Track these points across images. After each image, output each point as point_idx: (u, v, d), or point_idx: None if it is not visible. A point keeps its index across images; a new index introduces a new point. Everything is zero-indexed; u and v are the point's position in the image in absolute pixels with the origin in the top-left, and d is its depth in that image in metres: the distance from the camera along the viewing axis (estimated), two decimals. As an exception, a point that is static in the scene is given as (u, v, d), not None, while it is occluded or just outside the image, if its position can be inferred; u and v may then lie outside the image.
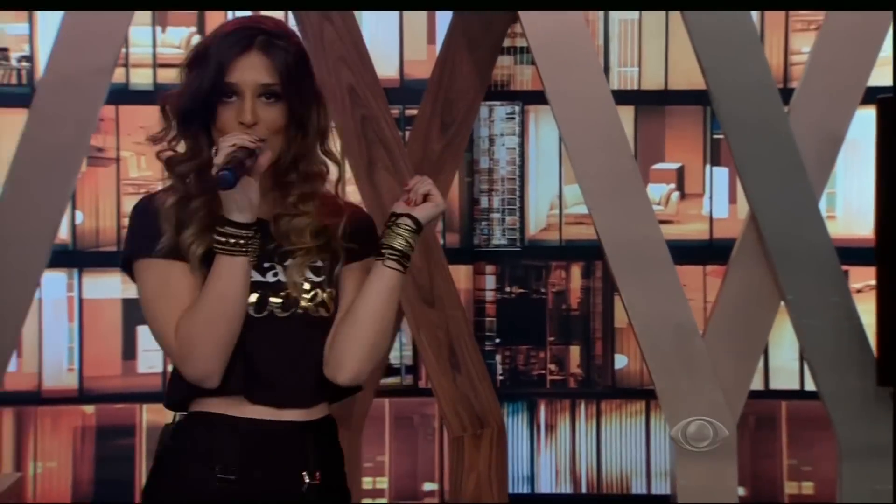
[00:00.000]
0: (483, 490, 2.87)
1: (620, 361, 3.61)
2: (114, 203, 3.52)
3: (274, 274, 1.87)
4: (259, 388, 1.84)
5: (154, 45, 3.54)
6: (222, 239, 1.78)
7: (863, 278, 3.29)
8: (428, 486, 3.61)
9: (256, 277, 1.85)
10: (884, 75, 2.70)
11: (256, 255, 1.83)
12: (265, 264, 1.86)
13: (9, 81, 3.49)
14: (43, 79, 2.51)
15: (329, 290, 1.89)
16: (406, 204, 1.89)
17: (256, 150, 1.77)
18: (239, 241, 1.78)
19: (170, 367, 1.91)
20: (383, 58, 3.41)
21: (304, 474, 1.86)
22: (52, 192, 2.47)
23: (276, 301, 1.85)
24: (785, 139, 2.52)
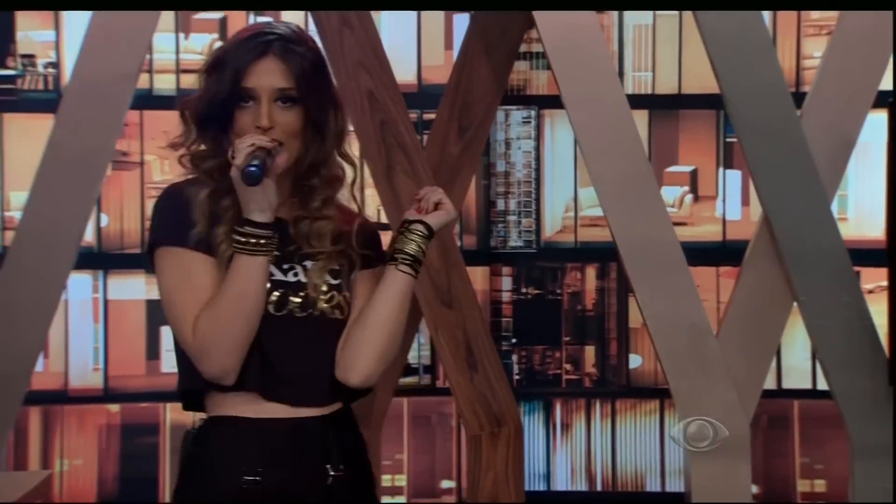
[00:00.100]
0: (500, 488, 2.86)
1: (635, 361, 3.60)
2: (138, 206, 3.50)
3: (294, 274, 1.88)
4: (274, 386, 1.85)
5: (177, 52, 3.52)
6: (242, 239, 1.79)
7: (874, 279, 3.28)
8: (446, 484, 3.59)
9: (278, 276, 1.85)
10: (896, 79, 2.69)
11: (276, 256, 1.83)
12: (285, 265, 1.87)
13: (36, 87, 3.47)
14: (69, 84, 2.53)
15: (345, 294, 1.90)
16: (417, 212, 1.91)
17: (273, 151, 1.77)
18: (259, 241, 1.79)
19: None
20: (401, 63, 3.39)
21: (327, 467, 1.86)
22: (79, 195, 2.48)
23: (296, 301, 1.86)
24: (798, 142, 2.53)
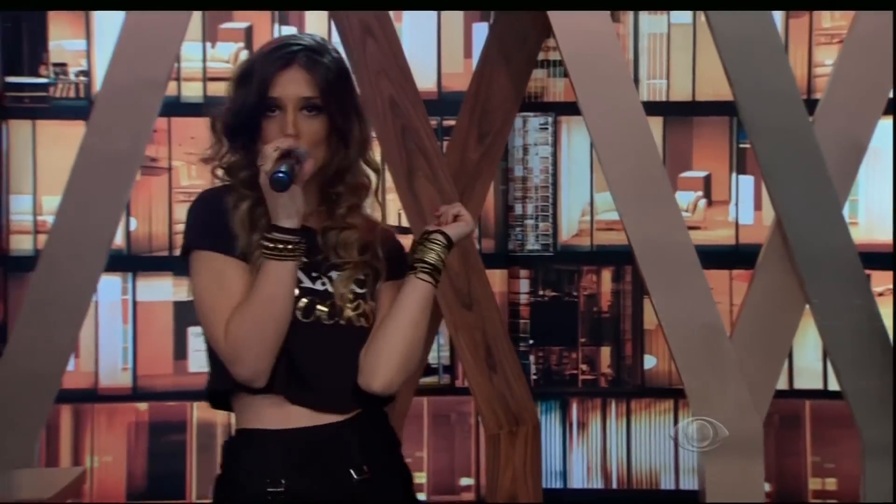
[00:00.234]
0: (518, 485, 2.85)
1: (649, 362, 3.62)
2: (166, 210, 3.53)
3: (322, 283, 1.90)
4: (300, 390, 1.87)
5: (204, 60, 3.55)
6: (270, 244, 1.81)
7: (884, 282, 3.30)
8: (465, 482, 3.61)
9: (306, 283, 1.88)
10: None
11: (304, 263, 1.86)
12: (313, 273, 1.90)
13: (67, 95, 3.51)
14: (100, 92, 2.52)
15: (370, 303, 1.93)
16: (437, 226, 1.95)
17: (299, 155, 1.79)
18: (287, 247, 1.81)
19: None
20: (422, 71, 3.42)
21: (351, 471, 1.88)
22: (109, 199, 2.47)
23: (323, 309, 1.89)
24: (810, 148, 2.52)
